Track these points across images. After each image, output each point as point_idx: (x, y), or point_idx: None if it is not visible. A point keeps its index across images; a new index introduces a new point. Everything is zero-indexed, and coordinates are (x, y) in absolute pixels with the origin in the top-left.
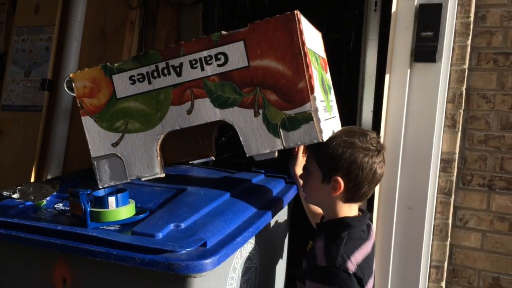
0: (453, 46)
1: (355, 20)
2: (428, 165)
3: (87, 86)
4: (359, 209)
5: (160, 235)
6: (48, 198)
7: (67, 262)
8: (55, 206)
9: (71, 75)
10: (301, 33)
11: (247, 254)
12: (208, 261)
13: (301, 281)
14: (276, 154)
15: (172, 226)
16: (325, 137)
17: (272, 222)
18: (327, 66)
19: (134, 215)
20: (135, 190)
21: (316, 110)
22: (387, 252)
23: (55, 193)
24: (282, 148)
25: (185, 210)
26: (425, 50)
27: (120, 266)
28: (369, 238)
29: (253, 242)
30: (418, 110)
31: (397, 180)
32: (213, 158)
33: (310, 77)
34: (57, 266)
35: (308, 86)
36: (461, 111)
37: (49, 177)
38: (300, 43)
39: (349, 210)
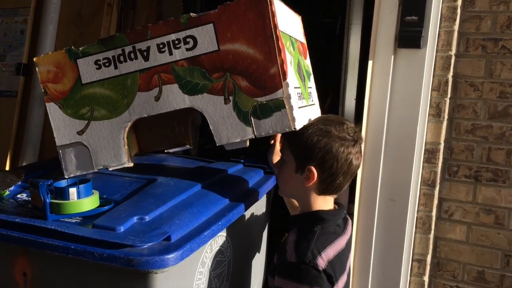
0: (439, 32)
1: (343, 3)
2: (412, 155)
3: (51, 70)
4: (336, 202)
5: (122, 229)
6: (11, 188)
7: (27, 256)
8: (18, 196)
9: (34, 59)
10: (273, 15)
11: (218, 247)
12: (170, 256)
13: (272, 276)
14: (248, 143)
15: (135, 219)
16: (298, 125)
17: (248, 214)
18: (307, 52)
19: (98, 206)
20: (103, 180)
21: (289, 97)
22: (368, 245)
23: (19, 183)
24: (253, 137)
25: (152, 202)
26: (409, 36)
27: (79, 260)
28: (344, 233)
29: (225, 235)
30: (401, 98)
31: (379, 171)
32: (189, 146)
33: (282, 62)
34: (17, 260)
35: (280, 72)
36: (447, 99)
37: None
38: (272, 25)
39: (324, 203)
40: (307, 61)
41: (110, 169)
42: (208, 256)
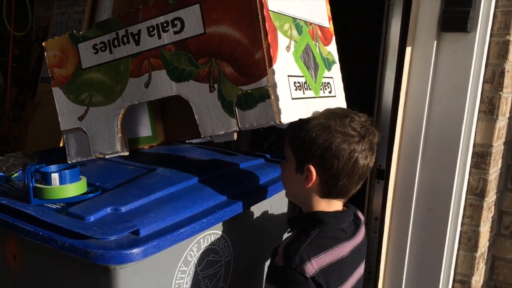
0: (495, 12)
1: None
2: (455, 158)
3: (56, 55)
4: (345, 204)
5: (92, 219)
6: (20, 170)
7: (15, 239)
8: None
9: (43, 44)
10: None
11: (211, 246)
12: (131, 251)
13: None
14: (235, 136)
15: (109, 209)
16: (286, 119)
17: (257, 213)
18: (332, 37)
19: (84, 193)
20: (104, 167)
21: (275, 86)
22: (400, 262)
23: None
24: (237, 129)
25: (137, 192)
26: (455, 17)
27: (49, 248)
28: (349, 239)
29: (220, 233)
30: (445, 91)
31: (415, 175)
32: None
33: (269, 46)
34: (9, 242)
35: (266, 57)
36: (502, 93)
37: None
38: (258, 5)
39: (328, 206)
40: (330, 48)
41: (107, 156)
42: (194, 254)
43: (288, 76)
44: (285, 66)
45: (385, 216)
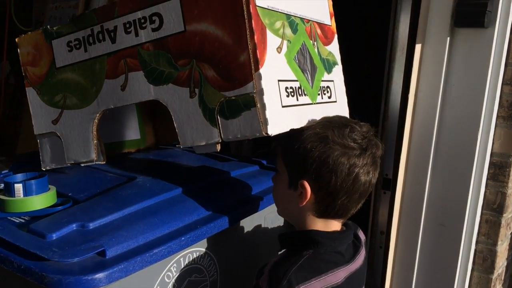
0: None
1: None
2: (470, 169)
3: (30, 52)
4: (344, 224)
5: (54, 237)
6: None
7: None
8: None
9: (16, 39)
10: None
11: (193, 265)
12: (94, 277)
13: None
14: (218, 147)
15: (75, 226)
16: (274, 130)
17: (248, 227)
18: (333, 36)
19: (53, 205)
20: (81, 174)
21: (261, 92)
22: (408, 280)
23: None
24: (220, 140)
25: (110, 206)
26: (471, 11)
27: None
28: (347, 264)
29: (204, 250)
30: (459, 93)
31: (425, 187)
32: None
33: (255, 47)
34: None
35: (252, 60)
36: None
37: None
38: (244, 0)
39: (325, 227)
40: (331, 48)
41: (82, 165)
42: (172, 275)
43: (279, 80)
44: (274, 70)
45: (391, 230)
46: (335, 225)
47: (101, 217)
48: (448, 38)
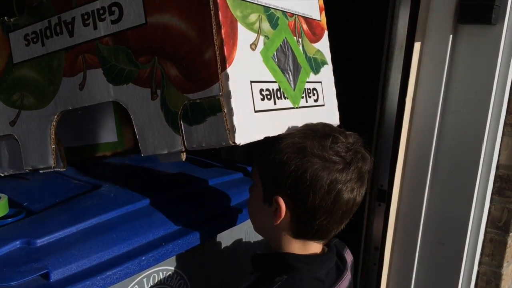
0: None
1: None
2: (473, 182)
3: None
4: (327, 244)
5: None
6: None
7: None
8: None
9: None
10: None
11: (160, 286)
12: None
13: None
14: (183, 157)
15: (19, 243)
16: (243, 139)
17: (226, 242)
18: (323, 33)
19: (3, 217)
20: (45, 181)
21: (228, 95)
22: None
23: None
24: (183, 149)
25: (64, 218)
26: (477, 5)
27: None
28: None
29: (173, 269)
30: (462, 97)
31: (423, 201)
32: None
33: (222, 42)
34: None
35: (218, 57)
36: None
37: None
38: None
39: (303, 249)
40: (320, 45)
41: (41, 171)
42: None
43: (252, 82)
44: (247, 69)
45: (383, 252)
46: (314, 247)
47: (51, 233)
48: (451, 36)
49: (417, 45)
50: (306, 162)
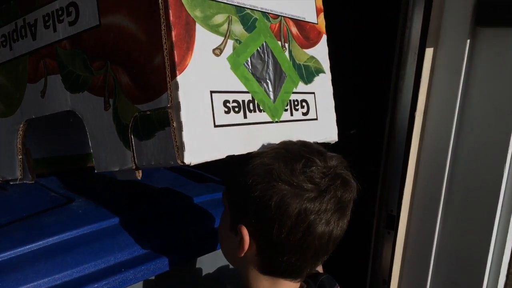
0: None
1: None
2: (493, 212)
3: None
4: (306, 281)
5: None
6: None
7: None
8: None
9: None
10: None
11: None
12: None
13: None
14: (139, 175)
15: None
16: (194, 158)
17: (210, 267)
18: (320, 37)
19: None
20: (21, 192)
21: (178, 107)
22: None
23: None
24: (134, 167)
25: (20, 236)
26: (497, 6)
27: None
28: None
29: None
30: (481, 112)
31: (434, 233)
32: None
33: (172, 46)
34: None
35: (167, 63)
36: None
37: None
38: None
39: (273, 286)
40: (314, 52)
41: (11, 183)
42: None
43: (212, 92)
44: (205, 77)
45: (391, 281)
46: (286, 286)
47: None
48: (468, 41)
49: (428, 52)
50: (272, 188)
